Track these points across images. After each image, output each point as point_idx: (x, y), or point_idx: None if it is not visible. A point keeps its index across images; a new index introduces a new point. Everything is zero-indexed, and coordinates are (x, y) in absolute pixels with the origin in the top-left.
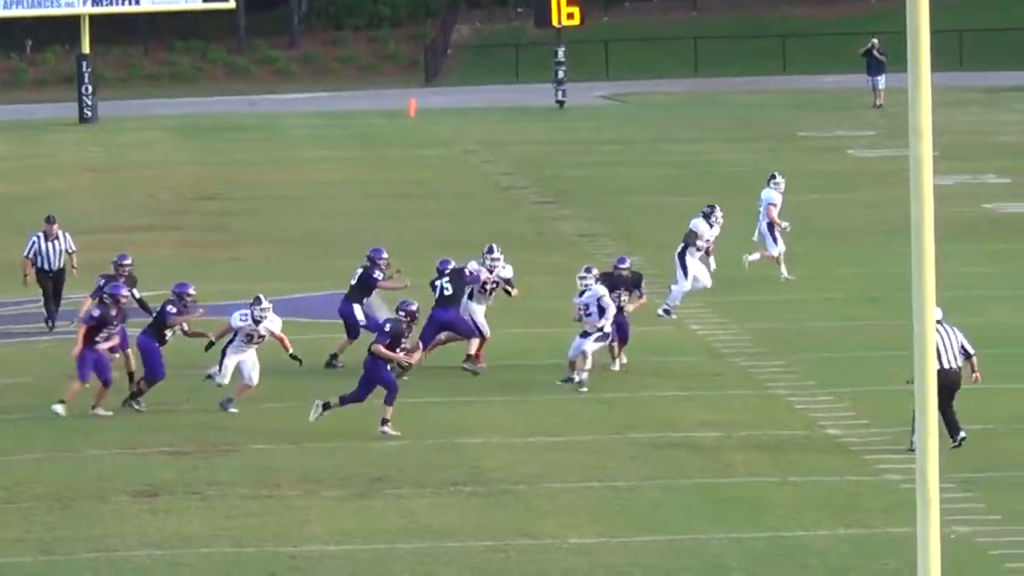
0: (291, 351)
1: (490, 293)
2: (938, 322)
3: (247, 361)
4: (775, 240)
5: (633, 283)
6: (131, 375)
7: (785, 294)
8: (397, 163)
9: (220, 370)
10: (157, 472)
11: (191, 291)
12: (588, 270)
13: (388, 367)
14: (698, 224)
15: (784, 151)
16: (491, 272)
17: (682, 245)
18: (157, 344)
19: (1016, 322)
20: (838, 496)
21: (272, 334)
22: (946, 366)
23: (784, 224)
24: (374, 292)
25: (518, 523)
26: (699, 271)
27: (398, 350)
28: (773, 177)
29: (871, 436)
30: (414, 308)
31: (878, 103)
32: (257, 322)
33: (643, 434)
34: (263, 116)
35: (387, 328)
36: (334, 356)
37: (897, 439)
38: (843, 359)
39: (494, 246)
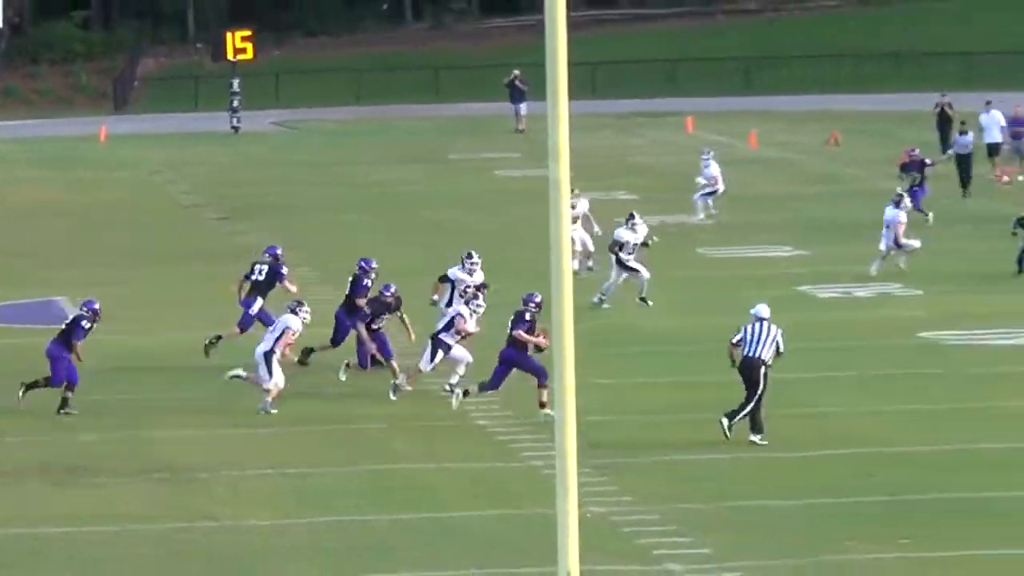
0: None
1: (475, 298)
2: (762, 320)
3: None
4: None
5: (396, 307)
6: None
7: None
8: (90, 184)
9: (271, 374)
10: None
11: (97, 306)
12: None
13: (529, 352)
14: (621, 233)
15: (438, 172)
16: (471, 275)
17: (614, 256)
18: (66, 352)
19: (644, 324)
20: (488, 480)
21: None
22: (748, 353)
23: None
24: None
25: (203, 507)
26: (640, 267)
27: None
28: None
29: (516, 426)
30: (539, 299)
31: (520, 128)
32: (305, 326)
33: (317, 426)
34: None
35: (527, 317)
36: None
37: (538, 429)
38: (491, 358)
39: (473, 252)
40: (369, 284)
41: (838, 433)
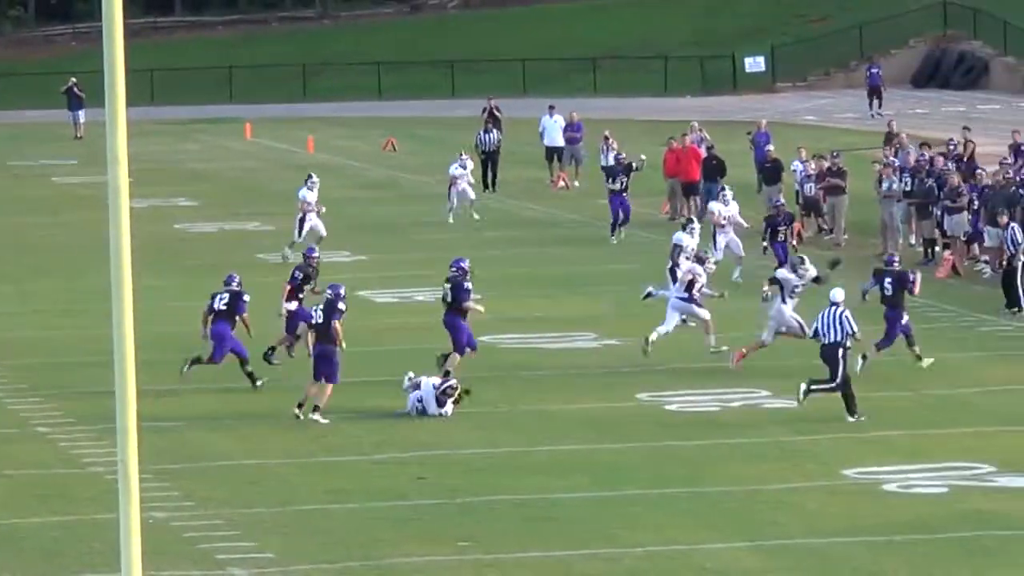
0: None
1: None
2: (834, 304)
3: None
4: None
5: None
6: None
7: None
8: None
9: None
10: None
11: (239, 278)
12: None
13: None
14: (681, 237)
15: None
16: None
17: (670, 263)
18: (230, 330)
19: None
20: (49, 487)
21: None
22: (825, 340)
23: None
24: None
25: None
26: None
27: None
28: (310, 177)
29: (77, 433)
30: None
31: (79, 135)
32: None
33: None
34: None
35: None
36: (272, 349)
37: (100, 435)
38: (51, 364)
39: (805, 257)
40: (470, 287)
41: (392, 436)
